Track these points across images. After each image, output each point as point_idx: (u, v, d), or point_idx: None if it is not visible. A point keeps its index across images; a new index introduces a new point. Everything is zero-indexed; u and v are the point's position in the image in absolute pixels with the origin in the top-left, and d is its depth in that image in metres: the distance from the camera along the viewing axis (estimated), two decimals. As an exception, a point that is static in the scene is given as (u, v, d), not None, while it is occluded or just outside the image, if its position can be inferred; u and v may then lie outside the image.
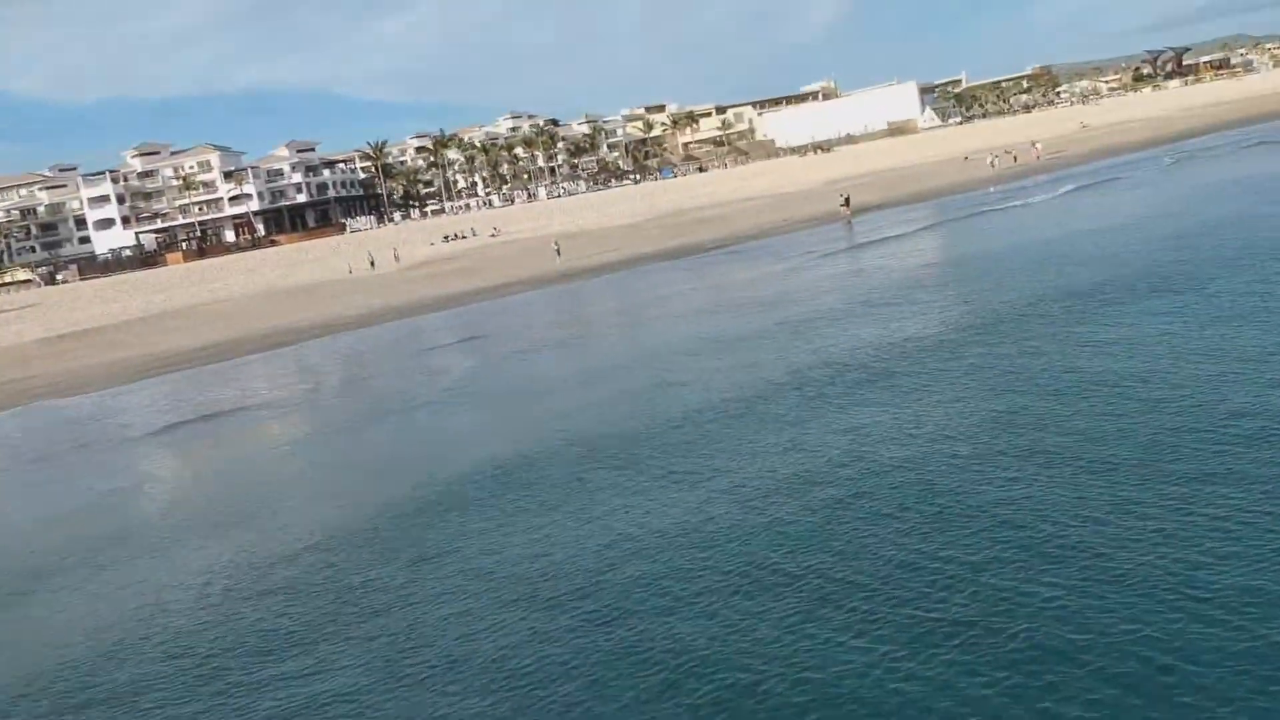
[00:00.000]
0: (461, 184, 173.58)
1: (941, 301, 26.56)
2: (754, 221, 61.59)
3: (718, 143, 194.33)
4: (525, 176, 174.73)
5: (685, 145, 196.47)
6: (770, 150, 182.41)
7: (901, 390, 17.98)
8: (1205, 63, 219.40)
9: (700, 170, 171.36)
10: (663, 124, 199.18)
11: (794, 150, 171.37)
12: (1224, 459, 12.15)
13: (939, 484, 13.08)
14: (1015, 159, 74.23)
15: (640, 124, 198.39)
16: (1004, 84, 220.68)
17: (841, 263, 39.89)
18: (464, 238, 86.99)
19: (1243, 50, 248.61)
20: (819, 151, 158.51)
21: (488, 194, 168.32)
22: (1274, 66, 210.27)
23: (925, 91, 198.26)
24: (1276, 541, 9.98)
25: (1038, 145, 77.68)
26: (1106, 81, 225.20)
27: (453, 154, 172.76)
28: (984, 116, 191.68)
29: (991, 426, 14.99)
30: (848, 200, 59.09)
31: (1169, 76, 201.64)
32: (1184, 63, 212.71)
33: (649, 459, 16.52)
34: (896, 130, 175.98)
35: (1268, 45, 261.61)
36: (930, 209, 55.74)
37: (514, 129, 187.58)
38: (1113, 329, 19.58)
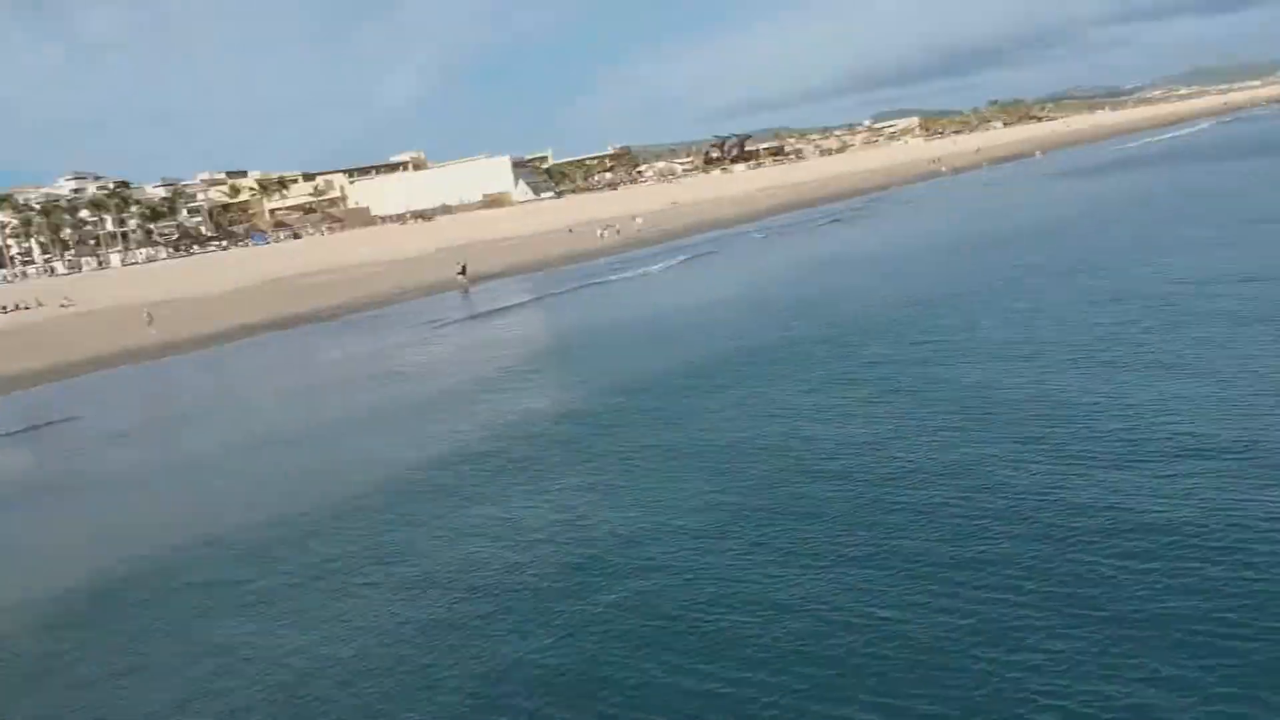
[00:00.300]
0: (15, 250, 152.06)
1: (576, 375, 26.01)
2: (367, 290, 58.20)
3: (308, 209, 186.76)
4: (94, 242, 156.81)
5: (274, 211, 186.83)
6: (366, 218, 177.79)
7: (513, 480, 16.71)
8: (765, 149, 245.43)
9: (295, 237, 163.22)
10: (250, 189, 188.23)
11: (393, 218, 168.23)
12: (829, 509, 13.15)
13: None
14: (619, 232, 76.74)
15: (225, 189, 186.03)
16: (588, 162, 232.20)
17: (461, 335, 38.01)
18: (27, 308, 75.14)
19: (792, 139, 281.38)
20: (420, 220, 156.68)
21: (48, 261, 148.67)
22: (820, 154, 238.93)
23: (518, 166, 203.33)
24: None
25: (638, 220, 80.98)
26: (680, 163, 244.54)
27: (3, 216, 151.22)
28: (574, 192, 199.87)
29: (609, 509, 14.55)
30: (464, 269, 57.59)
31: (735, 160, 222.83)
32: (746, 148, 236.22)
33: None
34: (493, 201, 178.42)
35: (810, 136, 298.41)
36: (548, 278, 55.61)
37: (78, 190, 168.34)
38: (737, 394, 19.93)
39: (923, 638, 9.64)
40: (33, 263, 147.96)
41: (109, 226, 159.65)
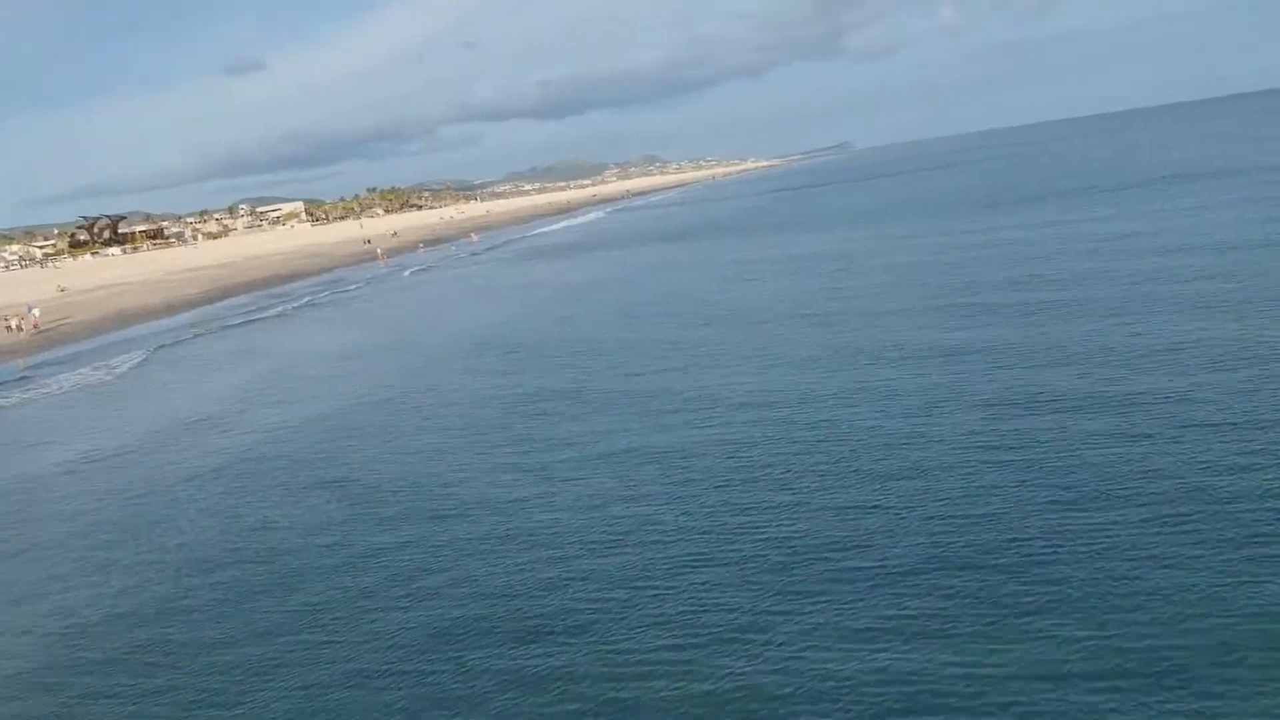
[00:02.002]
0: None
1: None
2: None
3: None
4: None
5: None
6: None
7: None
8: (140, 231, 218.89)
9: None
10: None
11: None
12: None
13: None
14: (20, 328, 58.99)
15: None
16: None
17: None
18: None
19: (166, 223, 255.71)
20: None
21: None
22: (205, 238, 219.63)
23: None
24: None
25: (35, 313, 63.24)
26: (40, 246, 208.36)
27: None
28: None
29: None
30: None
31: (107, 243, 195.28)
32: (120, 230, 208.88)
33: None
34: None
35: (187, 219, 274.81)
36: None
37: None
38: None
39: None
40: None
41: None
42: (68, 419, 30.68)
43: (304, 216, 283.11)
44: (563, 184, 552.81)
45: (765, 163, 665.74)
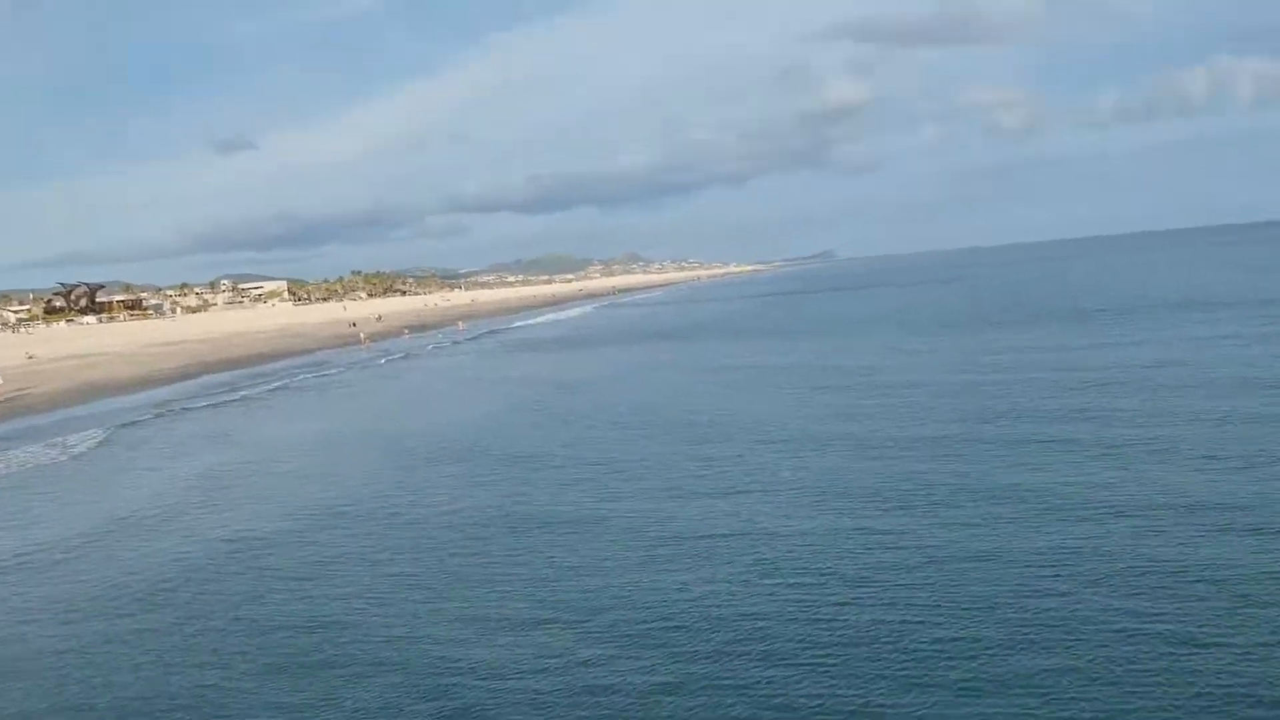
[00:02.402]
0: None
1: None
2: None
3: None
4: None
5: None
6: None
7: None
8: (118, 301, 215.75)
9: None
10: None
11: None
12: None
13: None
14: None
15: None
16: None
17: None
18: None
19: (145, 294, 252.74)
20: None
21: None
22: (182, 312, 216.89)
23: None
24: None
25: (-3, 380, 60.44)
26: (15, 311, 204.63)
27: None
28: None
29: None
30: None
31: (83, 311, 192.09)
32: (98, 299, 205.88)
33: None
34: None
35: (166, 292, 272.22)
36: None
37: None
38: None
39: None
40: None
41: None
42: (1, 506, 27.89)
43: (286, 295, 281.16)
44: (546, 277, 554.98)
45: (749, 267, 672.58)
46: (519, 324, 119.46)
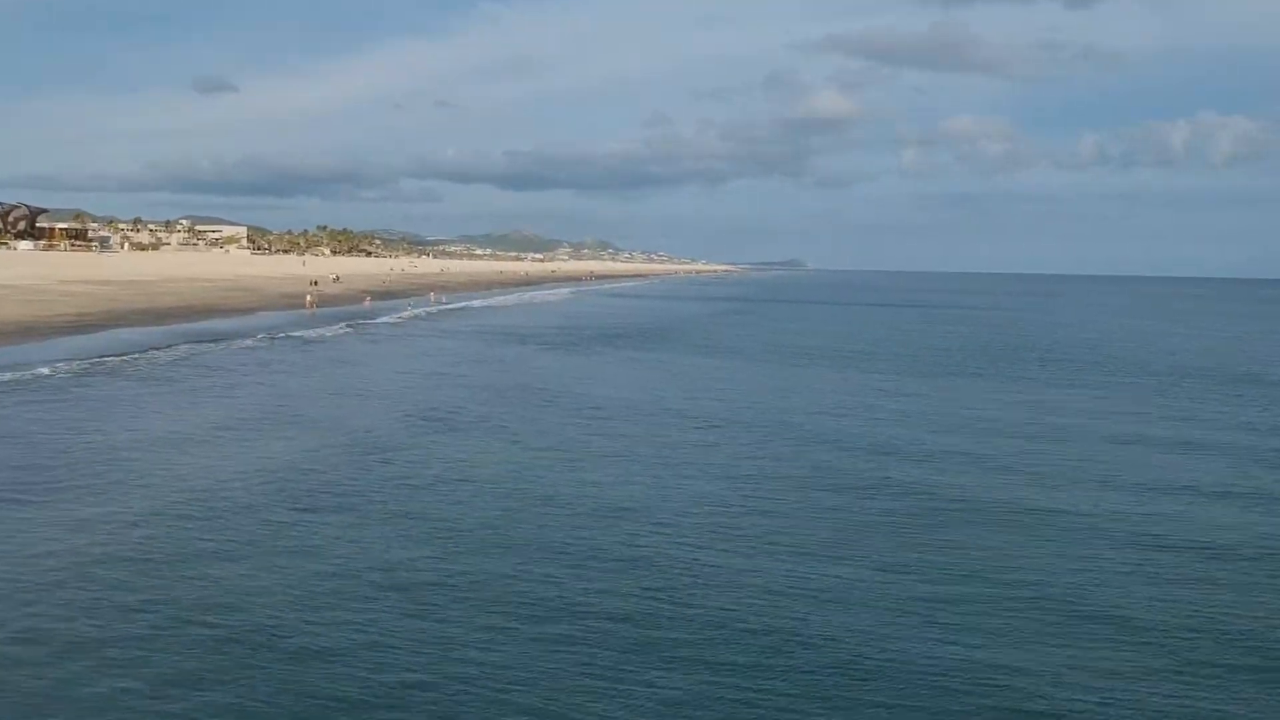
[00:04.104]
0: None
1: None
2: None
3: None
4: None
5: None
6: None
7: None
8: (61, 228, 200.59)
9: None
10: None
11: None
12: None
13: None
14: None
15: None
16: None
17: None
18: None
19: (95, 225, 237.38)
20: None
21: None
22: (131, 248, 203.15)
23: None
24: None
25: None
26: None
27: None
28: None
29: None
30: None
31: (20, 235, 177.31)
32: (38, 224, 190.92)
33: None
34: None
35: (120, 225, 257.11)
36: None
37: None
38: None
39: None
40: None
41: None
42: None
43: (245, 243, 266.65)
44: (515, 254, 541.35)
45: (720, 266, 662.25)
46: (498, 301, 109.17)
